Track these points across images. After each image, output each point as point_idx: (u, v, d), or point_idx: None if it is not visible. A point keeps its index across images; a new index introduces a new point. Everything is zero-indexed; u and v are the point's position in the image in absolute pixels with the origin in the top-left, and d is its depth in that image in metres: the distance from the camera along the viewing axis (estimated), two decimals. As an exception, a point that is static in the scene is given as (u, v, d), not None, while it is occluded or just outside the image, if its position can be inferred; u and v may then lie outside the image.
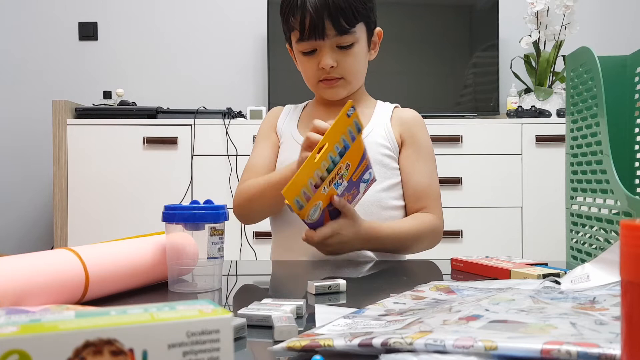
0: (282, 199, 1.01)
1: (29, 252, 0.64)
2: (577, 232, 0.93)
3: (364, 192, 0.98)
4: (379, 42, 1.14)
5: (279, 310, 0.57)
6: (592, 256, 0.84)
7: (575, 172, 0.93)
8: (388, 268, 0.97)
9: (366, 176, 0.96)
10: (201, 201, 0.75)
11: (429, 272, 0.94)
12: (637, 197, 0.73)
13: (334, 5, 1.01)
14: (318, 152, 0.85)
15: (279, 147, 1.15)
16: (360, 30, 1.05)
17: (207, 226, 0.72)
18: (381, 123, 1.13)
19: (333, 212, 0.94)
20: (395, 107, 1.17)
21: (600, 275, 0.65)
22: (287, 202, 0.84)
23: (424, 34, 2.68)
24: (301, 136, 1.12)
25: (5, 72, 2.84)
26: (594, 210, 0.87)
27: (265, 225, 1.16)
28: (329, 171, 0.87)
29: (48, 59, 2.84)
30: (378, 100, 1.19)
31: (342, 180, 0.91)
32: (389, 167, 1.09)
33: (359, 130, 0.89)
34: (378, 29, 1.12)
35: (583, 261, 0.86)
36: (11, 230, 2.85)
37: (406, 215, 1.11)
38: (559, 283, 0.66)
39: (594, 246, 0.86)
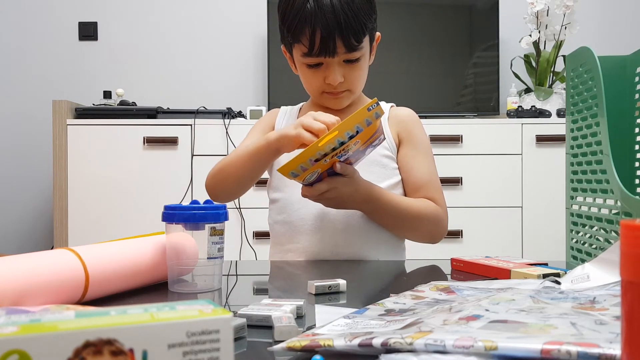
0: (253, 169, 1.02)
1: (29, 252, 0.64)
2: (577, 232, 0.93)
3: (368, 153, 0.98)
4: (376, 45, 1.13)
5: (279, 310, 0.57)
6: (592, 256, 0.84)
7: (575, 172, 0.93)
8: (388, 268, 0.97)
9: (375, 142, 0.95)
10: (201, 201, 0.75)
11: (429, 272, 0.94)
12: (637, 197, 0.73)
13: (346, 24, 0.98)
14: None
15: None
16: (365, 42, 1.04)
17: (207, 226, 0.72)
18: None
19: (331, 172, 0.93)
20: (391, 106, 1.17)
21: (600, 275, 0.65)
22: (281, 173, 0.86)
23: (424, 34, 2.67)
24: None
25: (5, 72, 2.84)
26: (594, 210, 0.87)
27: (265, 225, 1.16)
28: (334, 149, 0.86)
29: (48, 59, 2.84)
30: None
31: (347, 152, 0.89)
32: (388, 167, 1.09)
33: (378, 117, 0.87)
34: (377, 33, 1.12)
35: (583, 261, 0.86)
36: (11, 230, 2.85)
37: None
38: (559, 283, 0.66)
39: (594, 246, 0.86)
